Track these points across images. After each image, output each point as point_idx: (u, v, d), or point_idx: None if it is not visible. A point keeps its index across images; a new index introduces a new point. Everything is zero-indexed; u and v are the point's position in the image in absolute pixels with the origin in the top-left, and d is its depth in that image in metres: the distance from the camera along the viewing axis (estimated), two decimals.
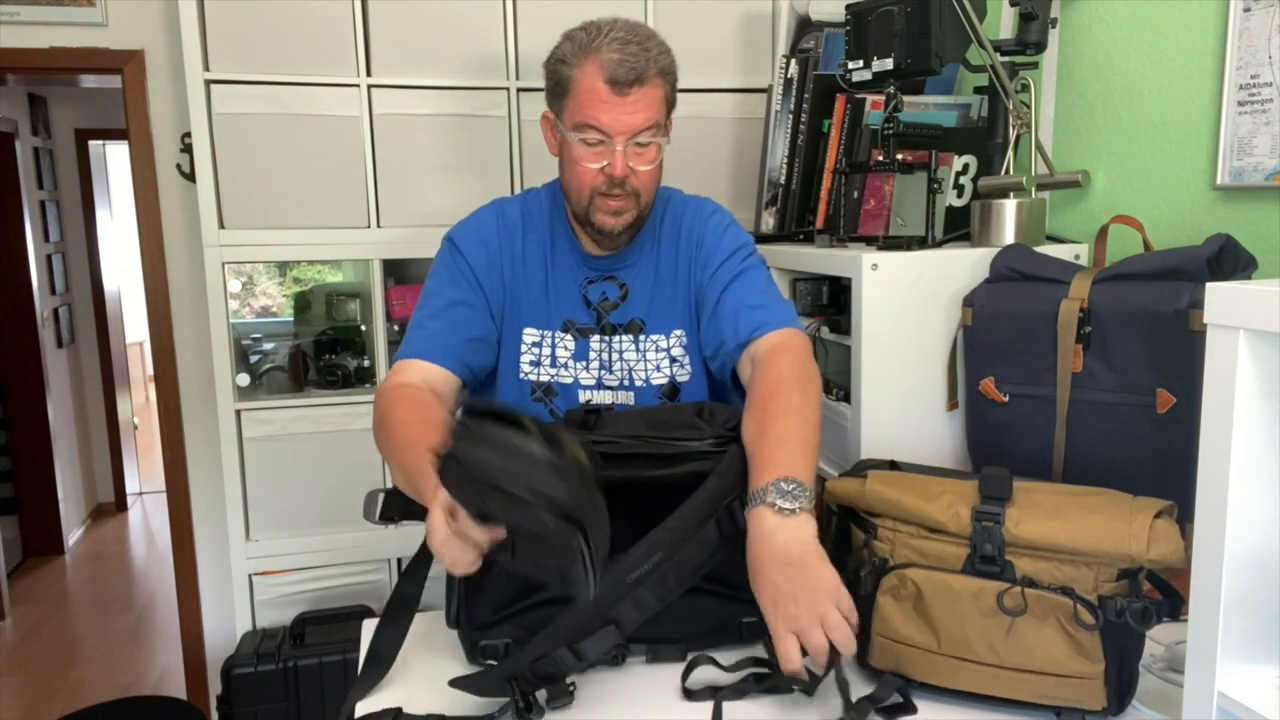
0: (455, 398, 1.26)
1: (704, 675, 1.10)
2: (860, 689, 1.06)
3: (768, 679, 1.08)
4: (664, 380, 1.33)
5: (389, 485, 1.13)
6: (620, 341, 1.33)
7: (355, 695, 1.09)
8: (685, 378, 1.33)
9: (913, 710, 1.03)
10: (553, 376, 1.32)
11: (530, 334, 1.33)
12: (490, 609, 1.12)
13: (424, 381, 1.23)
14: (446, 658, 1.18)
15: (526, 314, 1.34)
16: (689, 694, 1.08)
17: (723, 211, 1.40)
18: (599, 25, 1.22)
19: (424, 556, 1.10)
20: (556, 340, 1.33)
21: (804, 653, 0.96)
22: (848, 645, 0.95)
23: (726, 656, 1.13)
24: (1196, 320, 1.17)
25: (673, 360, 1.34)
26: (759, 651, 1.13)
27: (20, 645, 3.60)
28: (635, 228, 1.30)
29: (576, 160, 1.24)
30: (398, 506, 1.10)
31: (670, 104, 1.28)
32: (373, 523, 1.12)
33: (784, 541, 1.00)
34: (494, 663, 1.12)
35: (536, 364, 1.33)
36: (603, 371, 1.33)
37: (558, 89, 1.25)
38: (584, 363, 1.33)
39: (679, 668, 1.12)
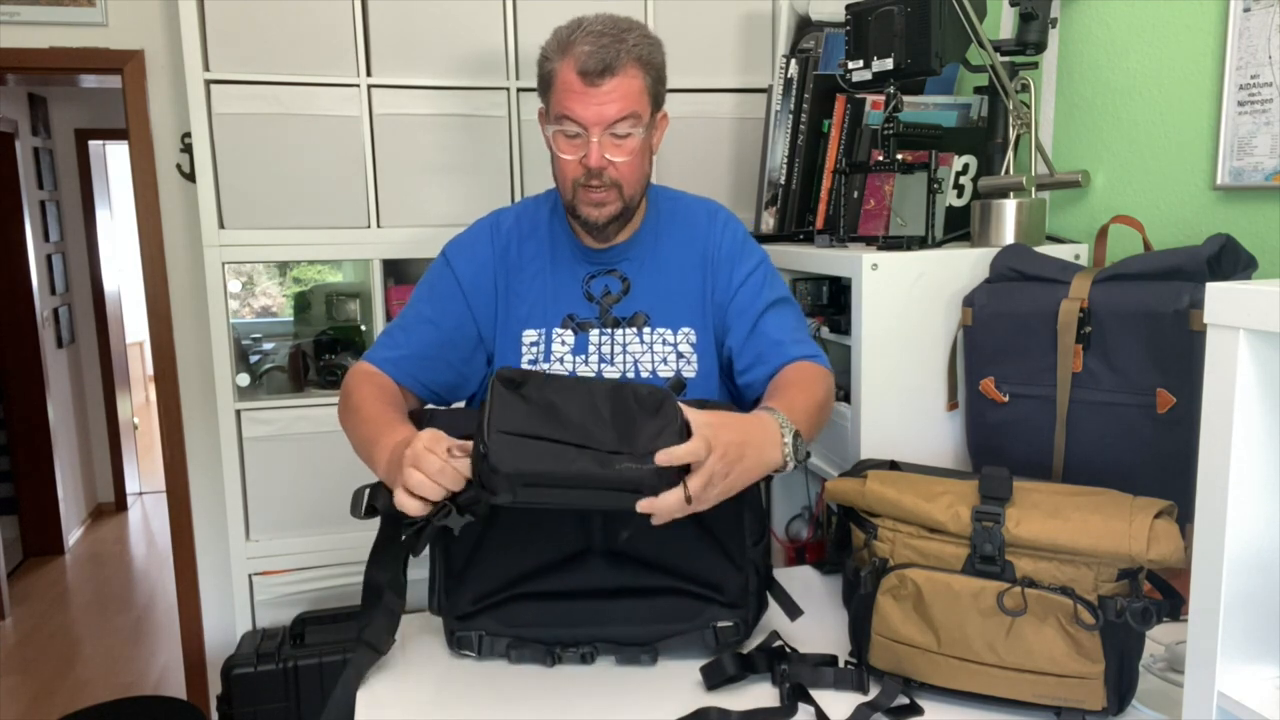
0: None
1: (690, 674, 1.11)
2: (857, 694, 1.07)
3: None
4: (670, 373, 1.34)
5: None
6: (624, 334, 1.34)
7: (352, 683, 1.11)
8: (692, 374, 1.34)
9: (919, 712, 1.03)
10: (546, 371, 1.33)
11: (529, 335, 1.34)
12: (470, 600, 1.14)
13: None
14: (441, 647, 1.19)
15: (526, 317, 1.35)
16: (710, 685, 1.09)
17: (735, 219, 1.42)
18: (580, 20, 1.25)
19: (389, 537, 1.15)
20: (554, 336, 1.34)
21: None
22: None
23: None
24: (1196, 320, 1.17)
25: (679, 356, 1.34)
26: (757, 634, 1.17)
27: (20, 645, 3.60)
28: (623, 219, 1.31)
29: (558, 153, 1.28)
30: (382, 501, 1.11)
31: (654, 96, 1.28)
32: (358, 518, 1.13)
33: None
34: (469, 652, 1.16)
35: (534, 362, 1.34)
36: (603, 364, 1.33)
37: (542, 84, 1.29)
38: (582, 355, 1.33)
39: (678, 663, 1.13)
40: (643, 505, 0.98)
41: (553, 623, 1.13)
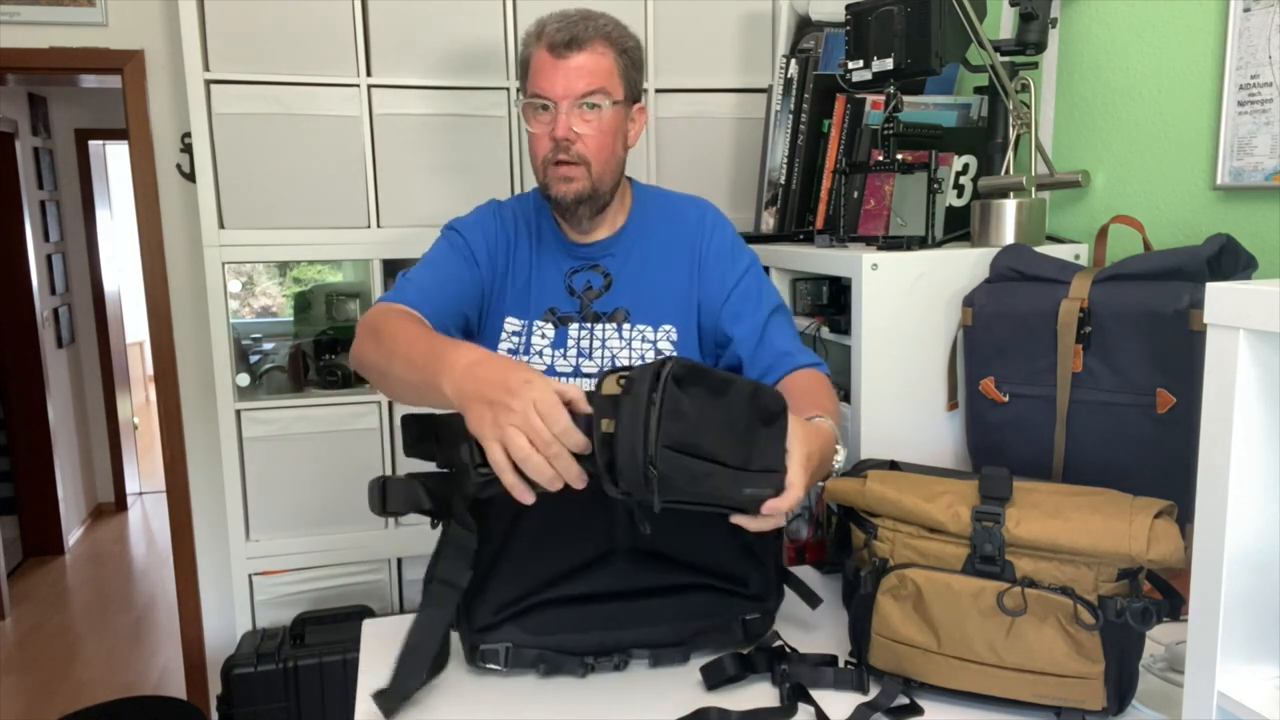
0: None
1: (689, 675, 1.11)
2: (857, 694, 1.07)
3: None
4: None
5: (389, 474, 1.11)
6: (603, 329, 1.34)
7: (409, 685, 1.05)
8: None
9: (919, 712, 1.03)
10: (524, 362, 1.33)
11: (511, 323, 1.35)
12: (491, 611, 1.10)
13: None
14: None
15: (511, 304, 1.36)
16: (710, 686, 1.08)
17: (724, 219, 1.42)
18: (557, 11, 1.28)
19: (462, 505, 1.04)
20: (535, 328, 1.35)
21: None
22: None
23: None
24: (1196, 320, 1.17)
25: (658, 353, 1.34)
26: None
27: (20, 645, 3.60)
28: (594, 204, 1.31)
29: (529, 127, 1.29)
30: (404, 498, 1.04)
31: (627, 80, 1.30)
32: (378, 514, 1.05)
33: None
34: (494, 666, 1.11)
35: (514, 352, 1.34)
36: (581, 359, 1.34)
37: (521, 71, 1.32)
38: (561, 350, 1.34)
39: (681, 671, 1.13)
40: (738, 520, 0.98)
41: (583, 627, 1.11)
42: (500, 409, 0.91)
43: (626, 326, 1.34)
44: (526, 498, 0.93)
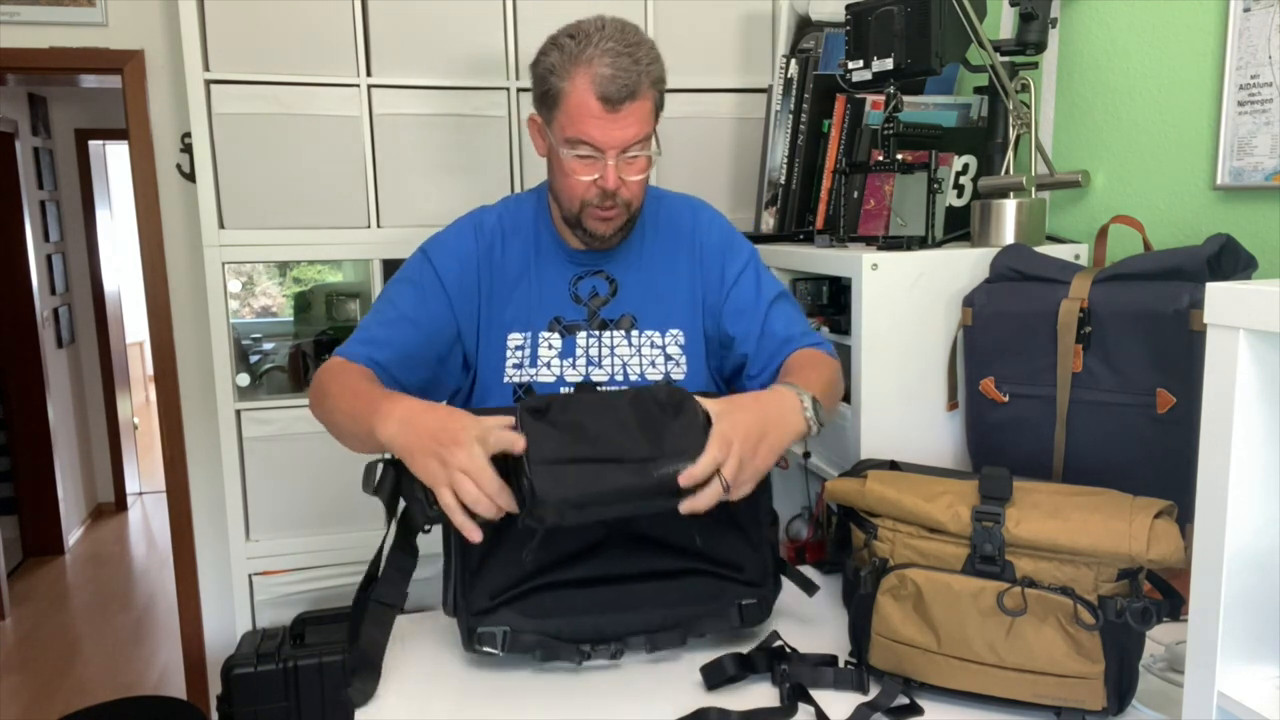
0: None
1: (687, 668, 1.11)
2: (857, 694, 1.07)
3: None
4: (659, 376, 1.33)
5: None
6: (612, 337, 1.33)
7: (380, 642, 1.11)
8: (680, 375, 1.33)
9: (919, 712, 1.03)
10: (532, 376, 1.31)
11: (515, 338, 1.32)
12: (488, 595, 1.12)
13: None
14: (443, 647, 1.19)
15: (511, 319, 1.33)
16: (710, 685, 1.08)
17: (719, 215, 1.42)
18: (587, 32, 1.20)
19: (408, 531, 1.11)
20: (541, 339, 1.32)
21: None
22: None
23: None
24: (1196, 320, 1.17)
25: (668, 358, 1.34)
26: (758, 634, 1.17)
27: (20, 645, 3.60)
28: (627, 229, 1.32)
29: (568, 173, 1.24)
30: (393, 486, 1.07)
31: (659, 110, 1.28)
32: (369, 493, 1.09)
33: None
34: (491, 650, 1.12)
35: (520, 366, 1.32)
36: (590, 367, 1.32)
37: (547, 99, 1.24)
38: (570, 359, 1.32)
39: (677, 663, 1.13)
40: (685, 507, 1.02)
41: (579, 611, 1.12)
42: (446, 458, 1.01)
43: (635, 333, 1.33)
44: (475, 536, 1.02)
